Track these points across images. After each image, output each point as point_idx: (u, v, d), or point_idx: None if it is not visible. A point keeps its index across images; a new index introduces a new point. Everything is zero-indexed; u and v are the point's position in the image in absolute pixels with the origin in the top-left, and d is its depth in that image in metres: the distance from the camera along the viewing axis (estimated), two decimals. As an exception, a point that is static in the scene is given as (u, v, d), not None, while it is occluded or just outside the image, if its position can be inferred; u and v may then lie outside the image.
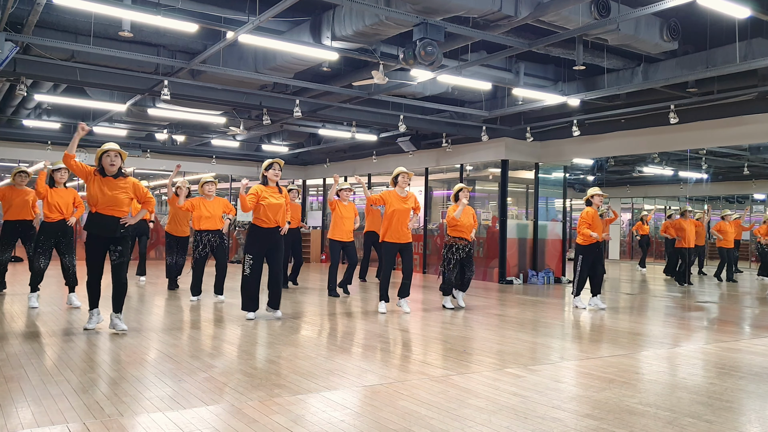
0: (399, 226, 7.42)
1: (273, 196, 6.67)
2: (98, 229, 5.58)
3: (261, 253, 6.67)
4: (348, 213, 9.06)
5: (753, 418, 3.70)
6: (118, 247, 5.66)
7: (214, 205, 8.12)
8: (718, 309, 8.87)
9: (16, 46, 6.62)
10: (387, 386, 4.14)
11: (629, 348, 5.66)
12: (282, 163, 6.84)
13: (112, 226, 5.61)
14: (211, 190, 8.15)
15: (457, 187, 8.07)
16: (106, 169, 5.64)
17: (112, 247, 5.65)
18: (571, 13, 6.12)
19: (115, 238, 5.64)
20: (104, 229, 5.59)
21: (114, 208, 5.62)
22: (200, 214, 8.00)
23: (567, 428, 3.35)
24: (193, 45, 7.86)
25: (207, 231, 8.02)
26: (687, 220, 12.32)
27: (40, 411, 3.44)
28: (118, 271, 5.67)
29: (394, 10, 5.86)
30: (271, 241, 6.69)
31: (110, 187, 5.61)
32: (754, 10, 5.85)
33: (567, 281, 12.15)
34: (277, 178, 6.76)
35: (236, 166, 17.31)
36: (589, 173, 17.16)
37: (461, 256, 7.91)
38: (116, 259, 5.66)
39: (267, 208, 6.61)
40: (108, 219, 5.60)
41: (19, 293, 8.53)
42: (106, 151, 5.65)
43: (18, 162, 15.46)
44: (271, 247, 6.69)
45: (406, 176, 7.55)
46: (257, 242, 6.66)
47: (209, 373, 4.39)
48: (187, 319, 6.85)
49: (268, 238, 6.66)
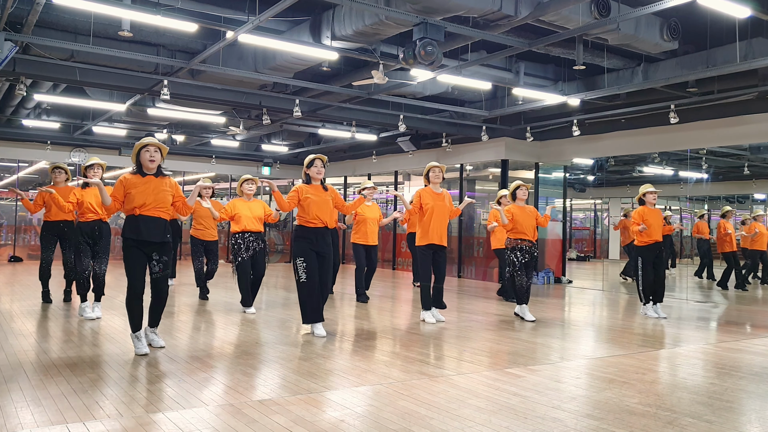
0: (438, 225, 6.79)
1: (318, 195, 6.03)
2: (145, 234, 4.88)
3: (313, 254, 5.92)
4: (372, 214, 8.55)
5: (753, 418, 3.70)
6: (163, 257, 4.98)
7: (255, 205, 7.42)
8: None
9: (15, 46, 6.61)
10: (387, 386, 4.13)
11: (629, 348, 5.66)
12: (325, 159, 6.16)
13: (161, 229, 4.97)
14: (252, 189, 7.43)
15: (514, 184, 7.36)
16: (144, 165, 5.02)
17: (155, 256, 4.95)
18: (571, 12, 6.11)
19: (160, 244, 4.97)
20: (152, 233, 4.90)
21: (161, 210, 4.99)
22: (240, 215, 7.26)
23: (567, 428, 3.34)
24: (192, 45, 7.86)
25: (249, 233, 7.27)
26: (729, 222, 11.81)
27: (39, 411, 3.44)
28: (160, 284, 5.01)
29: (394, 9, 5.86)
30: (321, 241, 6.00)
31: (155, 186, 5.00)
32: (755, 10, 5.84)
33: (567, 281, 12.15)
34: (321, 175, 6.10)
35: (236, 165, 17.30)
36: (590, 173, 17.15)
37: (526, 258, 7.16)
38: (158, 273, 4.97)
39: (312, 207, 5.96)
40: (156, 221, 4.94)
41: (18, 293, 8.53)
42: (145, 145, 5.05)
43: (17, 162, 15.47)
44: (321, 249, 5.99)
45: (437, 170, 6.90)
46: (306, 244, 5.94)
47: (209, 373, 4.39)
48: (187, 319, 6.84)
49: (317, 239, 5.97)
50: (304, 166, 6.17)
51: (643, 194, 7.61)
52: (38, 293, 8.04)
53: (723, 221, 11.69)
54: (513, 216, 7.12)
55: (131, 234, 4.90)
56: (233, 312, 7.25)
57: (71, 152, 14.96)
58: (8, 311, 6.91)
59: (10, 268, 12.88)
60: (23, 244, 15.18)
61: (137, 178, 5.01)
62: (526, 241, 7.13)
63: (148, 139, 5.13)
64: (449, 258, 13.69)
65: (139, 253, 4.91)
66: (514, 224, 7.12)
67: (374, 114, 11.05)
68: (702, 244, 12.99)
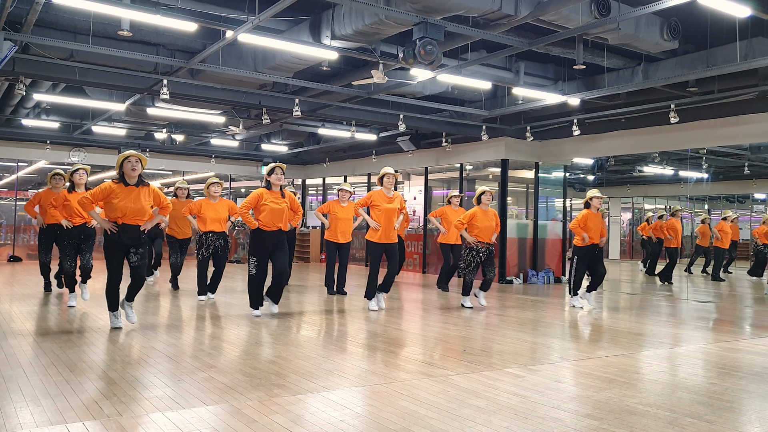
0: (387, 226, 7.48)
1: (275, 201, 6.69)
2: (125, 239, 5.71)
3: (265, 255, 6.75)
4: (345, 214, 9.02)
5: (753, 418, 3.69)
6: (139, 250, 5.81)
7: (220, 207, 8.05)
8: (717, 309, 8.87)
9: (14, 45, 6.61)
10: (387, 386, 4.13)
11: (629, 348, 5.65)
12: (284, 167, 6.87)
13: (136, 234, 5.78)
14: (217, 192, 8.10)
15: (479, 190, 8.02)
16: (127, 174, 5.71)
17: (132, 251, 5.79)
18: (571, 12, 6.11)
19: (136, 243, 5.80)
20: (129, 238, 5.74)
21: (139, 218, 5.76)
22: (205, 216, 7.93)
23: (567, 428, 3.34)
24: (192, 44, 7.84)
25: (212, 233, 7.97)
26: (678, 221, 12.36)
27: (38, 411, 3.43)
28: (138, 271, 5.85)
29: (394, 9, 5.85)
30: (274, 243, 6.75)
31: (134, 198, 5.71)
32: (755, 10, 5.84)
33: (566, 281, 12.13)
34: (280, 182, 6.80)
35: (235, 165, 17.30)
36: (590, 173, 17.14)
37: (481, 258, 7.90)
38: (137, 262, 5.81)
39: (268, 213, 6.65)
40: (133, 228, 5.75)
41: (18, 293, 8.53)
42: (128, 156, 5.73)
43: (17, 162, 15.46)
44: (274, 248, 6.76)
45: (391, 177, 7.56)
46: (260, 245, 6.73)
47: (209, 373, 4.38)
48: (186, 318, 6.84)
49: (270, 241, 6.72)
50: (265, 173, 6.85)
51: (590, 198, 8.29)
52: (38, 293, 8.42)
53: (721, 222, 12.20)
54: (476, 219, 7.83)
55: (113, 238, 5.73)
56: (233, 312, 7.24)
57: (71, 152, 14.94)
58: (8, 311, 6.90)
59: (9, 267, 12.88)
60: (22, 243, 15.17)
61: (120, 187, 5.71)
62: (484, 243, 7.88)
63: (130, 151, 5.85)
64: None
65: (118, 251, 5.77)
66: (476, 227, 7.82)
67: (374, 113, 11.04)
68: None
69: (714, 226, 13.38)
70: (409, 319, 7.18)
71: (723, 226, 12.98)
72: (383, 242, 7.53)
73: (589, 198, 8.32)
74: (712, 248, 13.42)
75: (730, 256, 13.70)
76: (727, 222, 13.02)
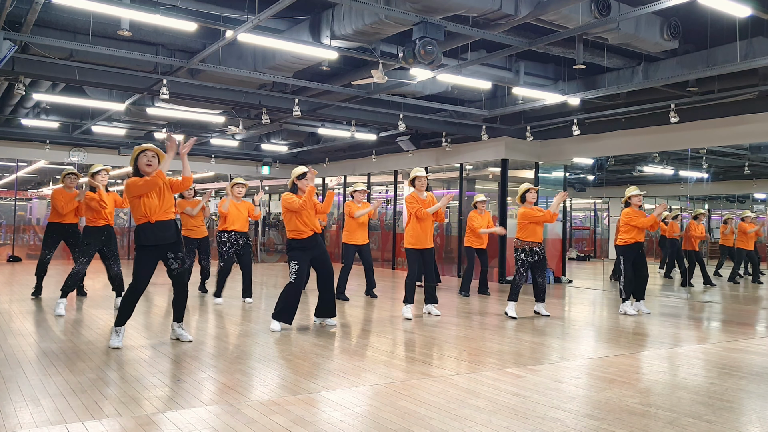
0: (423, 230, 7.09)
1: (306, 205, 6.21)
2: (161, 239, 5.12)
3: (306, 259, 6.17)
4: (363, 216, 8.73)
5: (754, 418, 3.69)
6: (178, 253, 5.23)
7: (242, 207, 8.02)
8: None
9: (14, 45, 6.60)
10: (387, 386, 4.12)
11: (629, 348, 5.65)
12: (315, 172, 6.32)
13: (173, 230, 5.21)
14: (241, 192, 8.06)
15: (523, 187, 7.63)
16: (142, 169, 5.19)
17: (170, 255, 5.19)
18: (571, 11, 6.10)
19: (173, 243, 5.21)
20: (166, 236, 5.14)
21: (170, 212, 5.22)
22: (229, 215, 7.88)
23: (567, 428, 3.33)
24: (192, 44, 7.84)
25: (234, 231, 7.90)
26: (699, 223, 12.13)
27: (38, 411, 3.43)
28: (180, 279, 5.30)
29: (394, 9, 5.85)
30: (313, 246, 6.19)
31: (157, 192, 5.17)
32: (755, 9, 5.83)
33: (567, 281, 12.14)
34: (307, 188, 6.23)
35: (235, 165, 17.29)
36: (590, 173, 17.14)
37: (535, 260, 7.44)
38: (177, 269, 5.23)
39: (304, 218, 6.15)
40: (167, 225, 5.17)
41: (17, 293, 8.52)
42: (144, 150, 5.23)
43: (17, 161, 15.46)
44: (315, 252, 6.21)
45: (423, 179, 7.27)
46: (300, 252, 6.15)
47: (208, 373, 4.38)
48: (187, 318, 6.83)
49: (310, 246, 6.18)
50: (294, 177, 6.33)
51: (629, 197, 7.90)
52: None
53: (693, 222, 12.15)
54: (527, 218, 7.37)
55: (146, 241, 5.09)
56: (233, 312, 7.24)
57: (70, 152, 14.94)
58: (7, 311, 6.90)
59: (9, 267, 12.87)
60: (22, 243, 15.17)
61: None
62: (537, 243, 7.45)
63: (147, 144, 5.31)
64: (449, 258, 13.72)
65: (152, 257, 5.15)
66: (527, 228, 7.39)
67: (374, 113, 11.03)
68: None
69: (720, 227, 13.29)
70: (411, 320, 7.16)
71: (741, 226, 12.84)
72: (419, 248, 7.10)
73: (628, 197, 7.91)
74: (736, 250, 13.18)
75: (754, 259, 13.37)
76: (746, 222, 12.89)
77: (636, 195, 7.86)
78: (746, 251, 12.67)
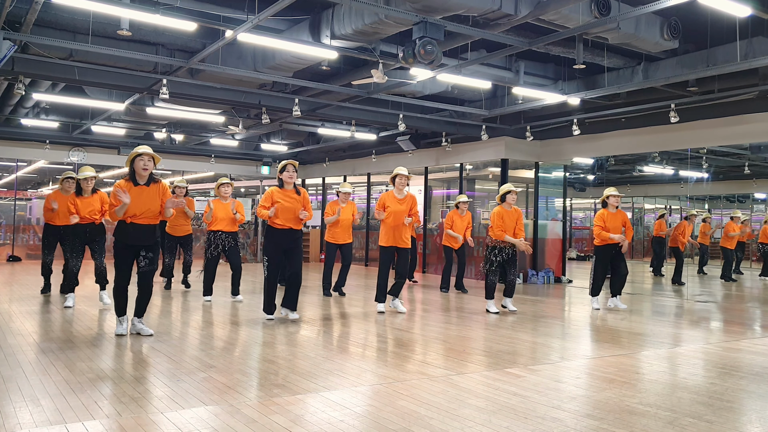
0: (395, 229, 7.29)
1: (287, 199, 6.52)
2: (134, 239, 5.42)
3: (278, 255, 6.57)
4: (345, 215, 8.91)
5: (754, 418, 3.68)
6: (149, 253, 5.50)
7: (229, 207, 8.11)
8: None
9: (14, 45, 6.59)
10: (387, 386, 4.12)
11: (629, 348, 5.65)
12: (296, 164, 6.68)
13: (149, 234, 5.50)
14: (227, 192, 8.16)
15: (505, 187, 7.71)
16: (137, 173, 5.42)
17: (142, 253, 5.48)
18: (571, 11, 6.10)
19: (147, 246, 5.50)
20: (140, 238, 5.44)
21: (150, 218, 5.48)
22: (216, 215, 7.99)
23: (567, 428, 3.33)
24: (191, 44, 7.84)
25: (221, 232, 8.01)
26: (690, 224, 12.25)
27: (38, 411, 3.42)
28: (146, 277, 5.53)
29: (394, 8, 5.85)
30: (287, 242, 6.57)
31: (146, 198, 5.43)
32: (755, 9, 5.83)
33: (567, 281, 12.13)
34: (293, 180, 6.62)
35: (235, 165, 17.29)
36: (590, 172, 17.14)
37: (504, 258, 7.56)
38: (146, 266, 5.49)
39: (280, 211, 6.47)
40: (145, 228, 5.46)
41: (17, 293, 8.52)
42: (140, 154, 5.42)
43: (16, 161, 15.45)
44: (287, 248, 6.59)
45: (403, 178, 7.39)
46: (273, 245, 6.55)
47: (208, 373, 4.38)
48: (186, 319, 6.83)
49: (283, 240, 6.54)
50: (278, 171, 6.65)
51: (606, 197, 8.05)
52: (38, 293, 8.44)
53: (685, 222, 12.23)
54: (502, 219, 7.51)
55: (122, 238, 5.44)
56: (233, 312, 7.24)
57: (70, 151, 14.94)
58: (7, 311, 6.90)
59: (8, 267, 12.87)
60: (22, 243, 15.17)
61: (130, 186, 5.42)
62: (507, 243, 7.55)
63: (144, 148, 5.52)
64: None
65: (128, 252, 5.47)
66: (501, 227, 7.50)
67: (374, 113, 11.03)
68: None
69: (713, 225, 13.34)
70: (409, 319, 7.16)
71: (727, 226, 12.89)
72: (392, 245, 7.34)
73: (605, 196, 8.09)
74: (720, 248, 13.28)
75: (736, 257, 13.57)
76: (733, 222, 12.94)
77: (614, 195, 8.05)
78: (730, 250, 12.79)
